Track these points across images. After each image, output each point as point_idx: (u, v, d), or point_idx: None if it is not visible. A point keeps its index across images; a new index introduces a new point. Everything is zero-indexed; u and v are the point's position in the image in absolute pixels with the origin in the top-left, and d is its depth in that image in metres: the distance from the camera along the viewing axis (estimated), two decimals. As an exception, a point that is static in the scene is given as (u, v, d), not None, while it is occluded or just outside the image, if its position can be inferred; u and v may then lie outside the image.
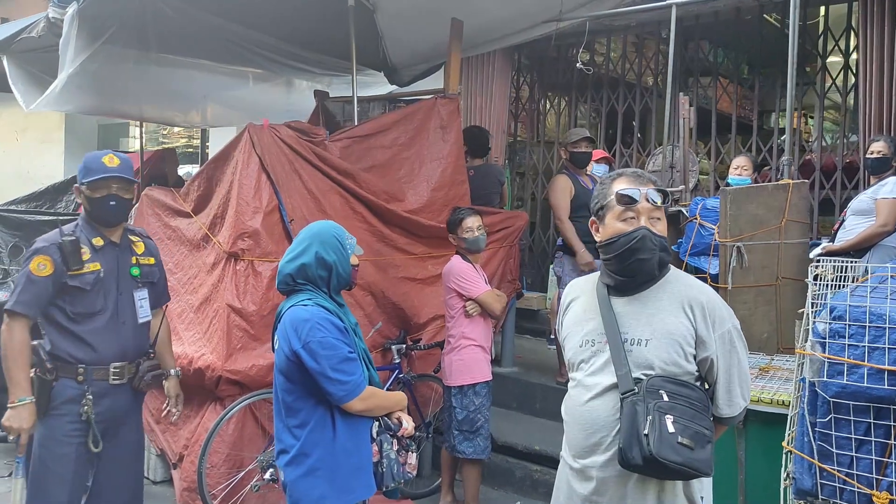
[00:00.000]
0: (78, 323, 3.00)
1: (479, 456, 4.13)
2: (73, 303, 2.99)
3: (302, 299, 2.62)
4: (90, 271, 3.01)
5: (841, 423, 2.44)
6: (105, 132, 12.17)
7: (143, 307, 3.21)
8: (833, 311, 2.44)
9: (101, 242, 3.09)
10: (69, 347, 2.99)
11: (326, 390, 2.54)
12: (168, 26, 5.23)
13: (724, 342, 2.14)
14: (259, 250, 4.23)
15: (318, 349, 2.51)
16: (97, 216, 3.10)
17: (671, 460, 1.95)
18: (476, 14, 5.30)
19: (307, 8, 5.42)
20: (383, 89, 6.73)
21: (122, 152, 3.17)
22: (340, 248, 2.69)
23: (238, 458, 4.09)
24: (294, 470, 2.59)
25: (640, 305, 2.16)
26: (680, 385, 2.07)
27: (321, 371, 2.51)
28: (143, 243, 3.30)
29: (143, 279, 3.21)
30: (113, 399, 3.07)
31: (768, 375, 3.50)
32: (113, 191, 3.05)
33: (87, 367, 3.00)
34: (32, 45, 5.22)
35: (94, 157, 3.09)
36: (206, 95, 6.70)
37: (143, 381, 3.14)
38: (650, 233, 2.12)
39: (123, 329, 3.11)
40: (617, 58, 7.40)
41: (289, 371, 2.58)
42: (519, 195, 8.05)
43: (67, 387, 2.98)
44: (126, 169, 3.10)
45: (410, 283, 4.97)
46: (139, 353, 3.19)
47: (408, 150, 5.07)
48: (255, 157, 4.28)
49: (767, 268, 4.14)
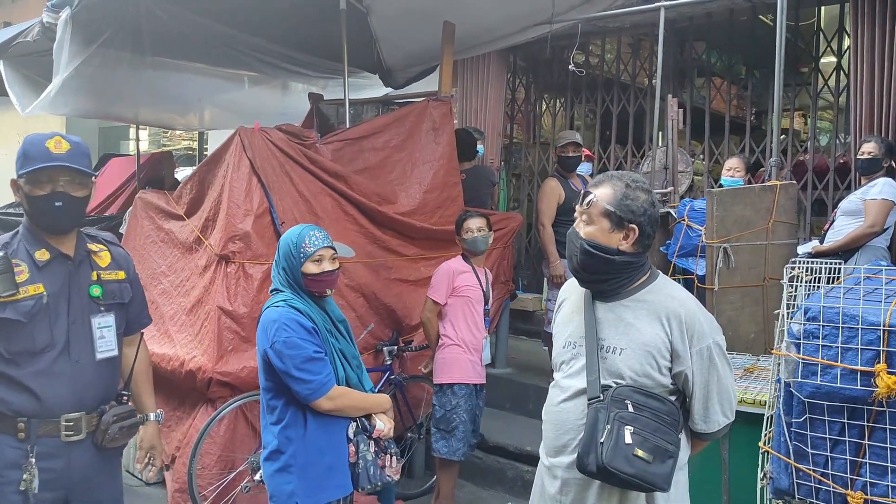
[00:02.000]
0: (17, 365, 2.28)
1: (451, 457, 4.13)
2: (7, 339, 2.27)
3: (277, 300, 2.70)
4: (28, 296, 2.28)
5: (816, 424, 2.45)
6: (105, 135, 12.25)
7: (106, 338, 2.44)
8: (807, 312, 2.46)
9: (45, 256, 2.34)
10: (5, 394, 2.28)
11: (293, 389, 2.62)
12: (162, 30, 5.28)
13: (703, 358, 2.11)
14: (250, 253, 4.27)
15: (282, 349, 2.60)
16: (39, 220, 2.34)
17: (623, 471, 1.96)
18: (468, 17, 5.34)
19: (301, 11, 5.46)
20: (378, 91, 6.77)
21: (74, 137, 2.38)
22: (291, 255, 2.75)
23: (230, 459, 4.12)
24: (270, 465, 2.68)
25: (620, 314, 2.16)
26: (648, 396, 2.07)
27: (286, 370, 2.60)
28: (108, 252, 2.54)
29: (106, 300, 2.45)
30: (68, 460, 2.33)
31: (753, 376, 3.51)
32: (59, 186, 2.29)
33: (30, 420, 2.28)
34: (28, 49, 5.26)
35: (35, 140, 2.31)
36: (202, 99, 6.76)
37: (106, 435, 2.38)
38: (573, 233, 2.20)
39: (78, 369, 2.35)
40: (611, 59, 7.42)
41: (264, 370, 2.67)
42: (515, 196, 8.07)
43: (5, 446, 2.27)
44: (78, 156, 2.32)
45: (403, 284, 5.00)
46: (103, 399, 2.43)
47: (400, 153, 5.10)
48: (245, 159, 4.32)
49: (755, 268, 4.16)
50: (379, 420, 2.79)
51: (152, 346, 4.44)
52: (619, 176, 2.21)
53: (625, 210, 2.12)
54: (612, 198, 2.13)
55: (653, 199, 2.19)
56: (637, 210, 2.12)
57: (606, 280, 2.18)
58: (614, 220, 2.12)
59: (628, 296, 2.17)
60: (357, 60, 6.18)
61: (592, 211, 2.15)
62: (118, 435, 2.41)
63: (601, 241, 2.13)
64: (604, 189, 2.16)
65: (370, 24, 5.85)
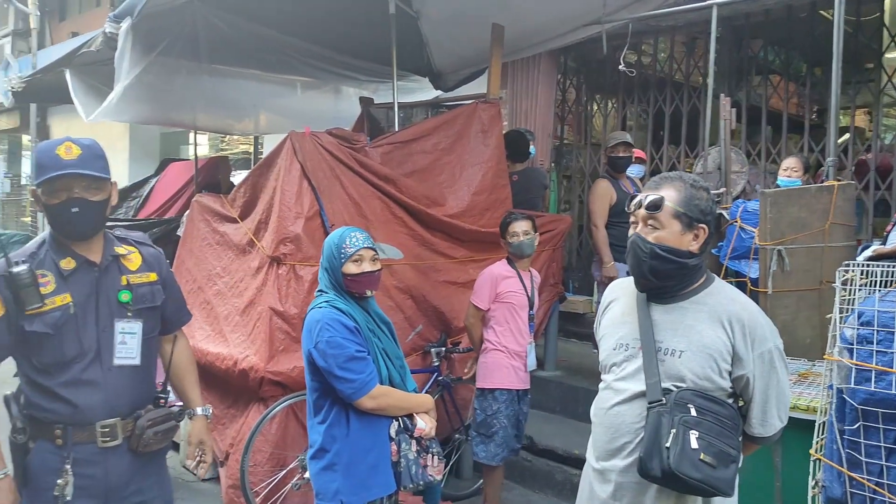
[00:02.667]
0: (49, 375, 2.27)
1: (490, 461, 4.11)
2: (37, 351, 2.26)
3: (320, 301, 2.76)
4: (55, 307, 2.25)
5: (870, 431, 2.39)
6: (167, 139, 12.65)
7: (128, 344, 2.38)
8: (861, 316, 2.39)
9: (71, 265, 2.31)
10: (42, 401, 2.28)
11: (336, 388, 2.67)
12: (218, 38, 5.43)
13: (763, 362, 2.08)
14: (300, 255, 4.35)
15: (326, 348, 2.66)
16: (60, 228, 2.30)
17: (690, 476, 1.93)
18: (518, 18, 5.34)
19: (351, 16, 5.55)
20: (428, 95, 6.81)
21: (86, 139, 2.31)
22: (333, 256, 2.81)
23: (281, 457, 4.20)
24: (315, 464, 2.74)
25: (679, 316, 2.12)
26: (710, 401, 2.04)
27: (329, 369, 2.66)
28: (138, 253, 2.47)
29: (136, 305, 2.40)
30: (105, 467, 2.32)
31: (807, 381, 3.42)
32: (75, 193, 2.23)
33: (66, 426, 2.27)
34: (92, 58, 5.47)
35: (46, 148, 2.25)
36: (257, 104, 6.90)
37: (141, 440, 2.36)
38: (639, 239, 2.11)
39: (111, 376, 2.33)
40: (664, 58, 7.32)
41: (310, 370, 2.73)
42: (566, 198, 8.02)
43: (45, 452, 2.28)
44: (90, 161, 2.25)
45: (451, 286, 5.02)
46: (138, 404, 2.41)
47: (448, 155, 5.12)
48: (296, 163, 4.40)
49: (811, 271, 4.04)
50: (420, 419, 2.82)
51: (207, 345, 4.58)
52: (679, 176, 2.18)
53: (694, 210, 2.10)
54: (680, 199, 2.11)
55: (712, 197, 2.17)
56: (705, 209, 2.11)
57: (670, 283, 2.14)
58: (685, 221, 2.10)
59: (687, 298, 2.14)
60: (407, 64, 6.24)
61: (661, 215, 2.10)
62: (153, 440, 2.39)
63: (674, 244, 2.10)
64: (668, 191, 2.12)
65: (420, 28, 5.91)
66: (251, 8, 5.33)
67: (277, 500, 4.10)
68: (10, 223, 16.67)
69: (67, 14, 14.51)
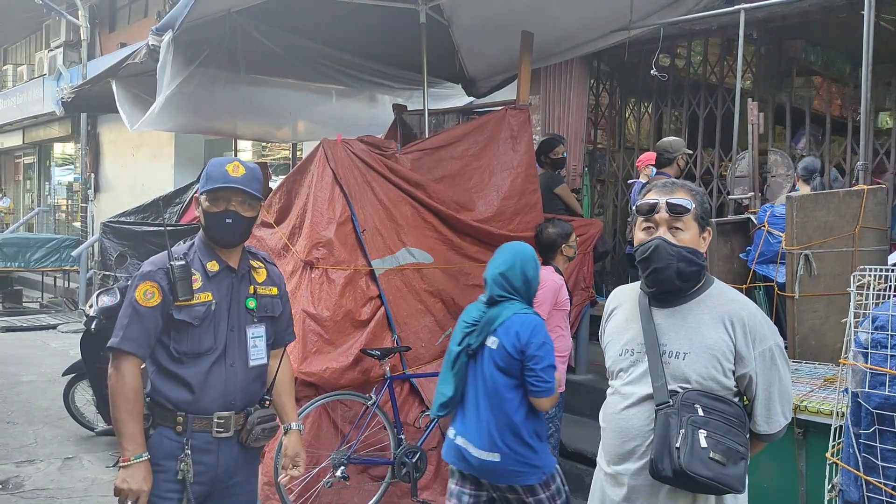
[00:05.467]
0: (182, 364, 2.54)
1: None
2: (178, 339, 2.53)
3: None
4: (201, 302, 2.54)
5: (886, 435, 2.39)
6: (211, 146, 12.94)
7: (258, 347, 2.67)
8: (875, 320, 2.40)
9: (215, 268, 2.61)
10: (168, 390, 2.54)
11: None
12: (255, 48, 5.58)
13: (765, 359, 2.13)
14: (333, 259, 4.46)
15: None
16: (211, 234, 2.61)
17: (701, 475, 1.97)
18: (547, 25, 5.39)
19: (385, 25, 5.67)
20: (460, 101, 6.89)
21: (250, 163, 2.65)
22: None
23: (314, 456, 4.30)
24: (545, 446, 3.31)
25: (681, 318, 2.17)
26: (716, 400, 2.08)
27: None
28: (265, 269, 2.76)
29: (259, 312, 2.67)
30: (217, 456, 2.56)
31: (833, 386, 3.40)
32: (232, 206, 2.55)
33: (187, 415, 2.53)
34: (136, 69, 5.67)
35: (217, 163, 2.60)
36: (294, 112, 7.05)
37: (251, 434, 2.59)
38: (665, 242, 2.12)
39: (231, 372, 2.59)
40: (698, 62, 7.28)
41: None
42: (599, 202, 8.02)
43: (165, 438, 2.53)
44: (250, 181, 2.57)
45: (481, 290, 5.00)
46: (249, 401, 2.66)
47: (478, 161, 5.19)
48: (328, 170, 4.52)
49: (840, 276, 4.01)
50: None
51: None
52: (675, 181, 2.26)
53: (705, 213, 2.18)
54: (696, 203, 2.17)
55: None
56: (708, 211, 2.20)
57: (688, 284, 2.18)
58: (700, 224, 2.17)
59: (688, 300, 2.19)
60: (440, 71, 6.33)
61: (686, 218, 2.15)
62: (261, 435, 2.61)
63: (695, 246, 2.17)
64: (683, 195, 2.17)
65: (452, 36, 5.99)
66: (287, 19, 5.49)
67: (310, 498, 4.22)
68: (62, 228, 17.26)
69: (117, 25, 14.94)
